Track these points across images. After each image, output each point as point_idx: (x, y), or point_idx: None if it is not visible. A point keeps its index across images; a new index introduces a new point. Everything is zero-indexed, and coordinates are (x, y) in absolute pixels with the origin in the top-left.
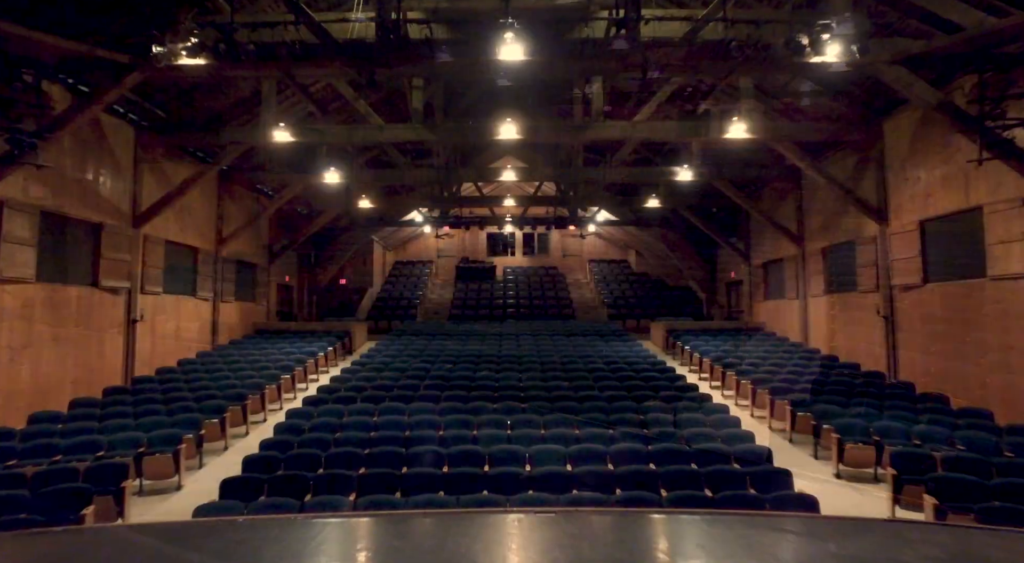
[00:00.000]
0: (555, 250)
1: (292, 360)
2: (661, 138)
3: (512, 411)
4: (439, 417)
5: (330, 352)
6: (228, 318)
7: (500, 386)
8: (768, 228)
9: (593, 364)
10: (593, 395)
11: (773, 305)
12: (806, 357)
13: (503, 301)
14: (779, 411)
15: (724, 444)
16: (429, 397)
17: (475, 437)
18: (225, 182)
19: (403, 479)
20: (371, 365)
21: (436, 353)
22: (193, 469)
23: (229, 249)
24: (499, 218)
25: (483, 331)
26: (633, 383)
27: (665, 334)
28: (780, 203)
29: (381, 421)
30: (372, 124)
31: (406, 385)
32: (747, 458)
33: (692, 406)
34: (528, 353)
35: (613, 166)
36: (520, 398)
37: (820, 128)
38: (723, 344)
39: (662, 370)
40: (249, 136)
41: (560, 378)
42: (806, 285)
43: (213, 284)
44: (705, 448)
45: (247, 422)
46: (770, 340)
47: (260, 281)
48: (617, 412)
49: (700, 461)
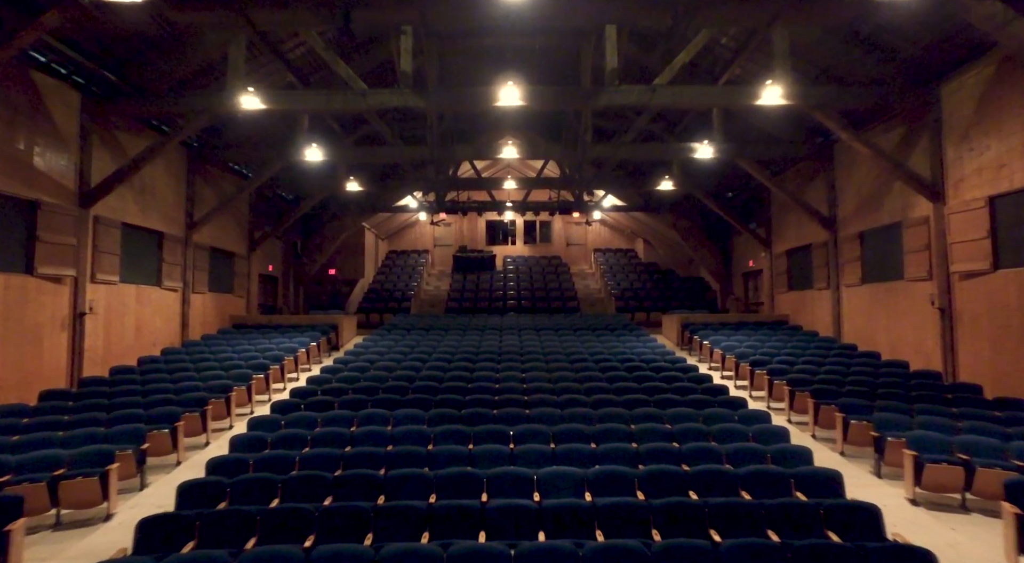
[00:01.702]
0: (558, 239)
1: (269, 357)
2: (685, 105)
3: (515, 419)
4: (428, 427)
5: (313, 348)
6: (201, 311)
7: (501, 388)
8: (793, 212)
9: (605, 362)
10: (609, 399)
11: (798, 296)
12: (843, 354)
13: (503, 293)
14: (826, 418)
15: (777, 465)
16: (418, 402)
17: (471, 454)
18: (197, 162)
19: (378, 516)
20: (356, 363)
21: (429, 349)
22: (131, 492)
23: (202, 235)
24: (499, 204)
25: (482, 325)
26: (653, 385)
27: (679, 328)
28: (808, 185)
29: (359, 433)
30: (354, 89)
31: (393, 387)
32: (811, 484)
33: (725, 413)
34: (531, 350)
35: (625, 143)
36: (524, 403)
37: (867, 93)
38: (747, 339)
39: (683, 368)
40: (214, 103)
41: (568, 378)
42: (839, 274)
43: (183, 273)
44: (756, 471)
45: (207, 430)
46: (797, 335)
47: (239, 271)
48: (640, 421)
49: (753, 487)
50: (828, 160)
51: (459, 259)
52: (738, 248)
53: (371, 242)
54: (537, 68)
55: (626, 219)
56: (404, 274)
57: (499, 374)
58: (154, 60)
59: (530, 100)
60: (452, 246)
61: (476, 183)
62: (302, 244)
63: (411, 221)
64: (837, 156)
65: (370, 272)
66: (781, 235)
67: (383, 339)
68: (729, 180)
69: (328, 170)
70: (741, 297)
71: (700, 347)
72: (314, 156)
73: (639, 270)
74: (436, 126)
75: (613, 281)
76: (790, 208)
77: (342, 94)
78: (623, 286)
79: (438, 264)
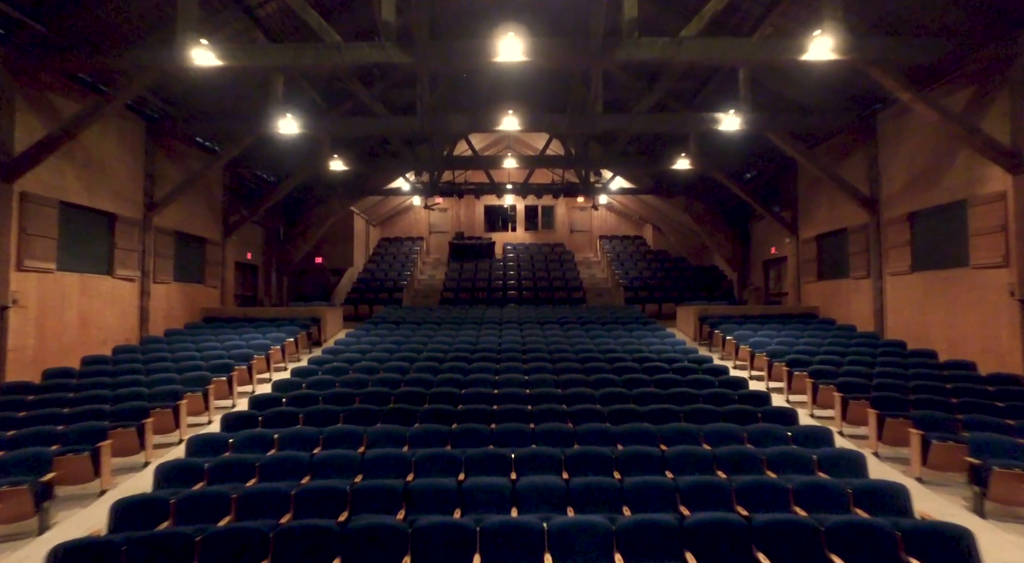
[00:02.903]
0: (561, 225)
1: (237, 356)
2: (716, 60)
3: (518, 438)
4: (410, 450)
5: (290, 344)
6: (165, 303)
7: (500, 396)
8: (824, 193)
9: (620, 361)
10: (630, 411)
11: (830, 287)
12: (893, 353)
13: (503, 283)
14: (892, 433)
15: (863, 508)
16: (401, 414)
17: (461, 490)
18: (158, 135)
19: None
20: (334, 363)
21: (419, 347)
22: (27, 537)
23: (166, 218)
24: (498, 187)
25: (479, 318)
26: (681, 391)
27: (696, 321)
28: (843, 162)
29: (322, 458)
30: (328, 43)
31: (372, 394)
32: (928, 543)
33: (776, 431)
34: (535, 347)
35: (640, 112)
36: (528, 415)
37: (934, 45)
38: (776, 334)
39: (711, 369)
40: (161, 57)
41: (579, 382)
42: (882, 261)
43: (140, 261)
44: (845, 524)
45: (146, 448)
46: (832, 330)
47: (212, 259)
48: (672, 440)
49: (846, 548)
50: (868, 133)
51: (455, 246)
52: (758, 234)
53: (361, 228)
54: (541, 24)
55: (634, 204)
56: (397, 263)
57: (498, 377)
58: (91, 8)
59: (535, 54)
60: (448, 233)
61: (473, 162)
62: (285, 230)
63: (404, 206)
64: (881, 128)
65: (360, 260)
66: (810, 219)
67: (368, 334)
68: (752, 159)
69: (310, 147)
70: (761, 287)
71: (723, 343)
72: (289, 128)
73: (648, 258)
74: (427, 94)
75: (621, 270)
76: (821, 189)
77: (313, 48)
78: (632, 275)
79: (433, 252)
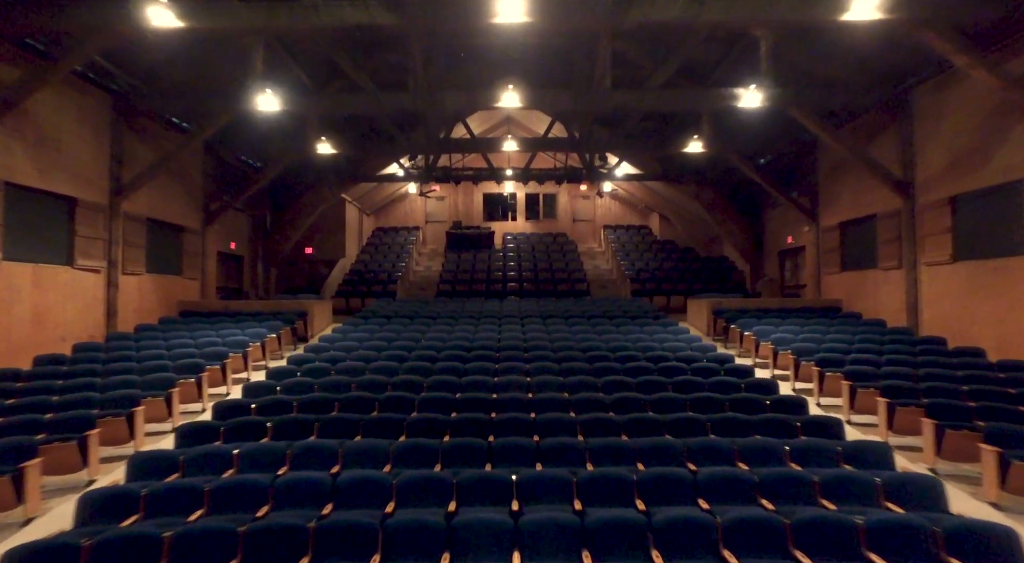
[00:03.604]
0: (563, 214)
1: (210, 355)
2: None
3: (520, 456)
4: (393, 470)
5: (271, 341)
6: (137, 296)
7: (500, 401)
8: (849, 178)
9: (632, 360)
10: (651, 421)
11: (854, 278)
12: (935, 352)
13: (503, 274)
14: (954, 447)
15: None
16: (384, 425)
17: (450, 527)
18: (126, 113)
19: None
20: (314, 364)
21: (411, 344)
22: None
23: (137, 204)
24: (497, 172)
25: (477, 311)
26: (705, 397)
27: (710, 315)
28: (872, 142)
29: (285, 481)
30: (304, 3)
31: (353, 401)
32: None
33: (823, 447)
34: (538, 344)
35: (652, 88)
36: (532, 426)
37: None
38: (799, 330)
39: (734, 370)
40: (112, 18)
41: (589, 385)
42: (916, 250)
43: (106, 250)
44: None
45: (89, 465)
46: (860, 325)
47: (191, 249)
48: (703, 459)
49: None
50: (901, 111)
51: (453, 236)
52: (772, 222)
53: (353, 217)
54: None
55: (640, 191)
56: (391, 253)
57: (497, 379)
58: None
59: (538, 14)
60: (446, 222)
61: (471, 144)
62: (272, 219)
63: (400, 194)
64: (917, 104)
65: (353, 251)
66: (832, 205)
67: (356, 330)
68: (769, 142)
69: (296, 129)
70: (776, 279)
71: (740, 339)
72: (269, 105)
73: (655, 249)
74: (420, 66)
75: (626, 261)
76: (845, 173)
77: (288, 8)
78: (638, 267)
79: (430, 242)
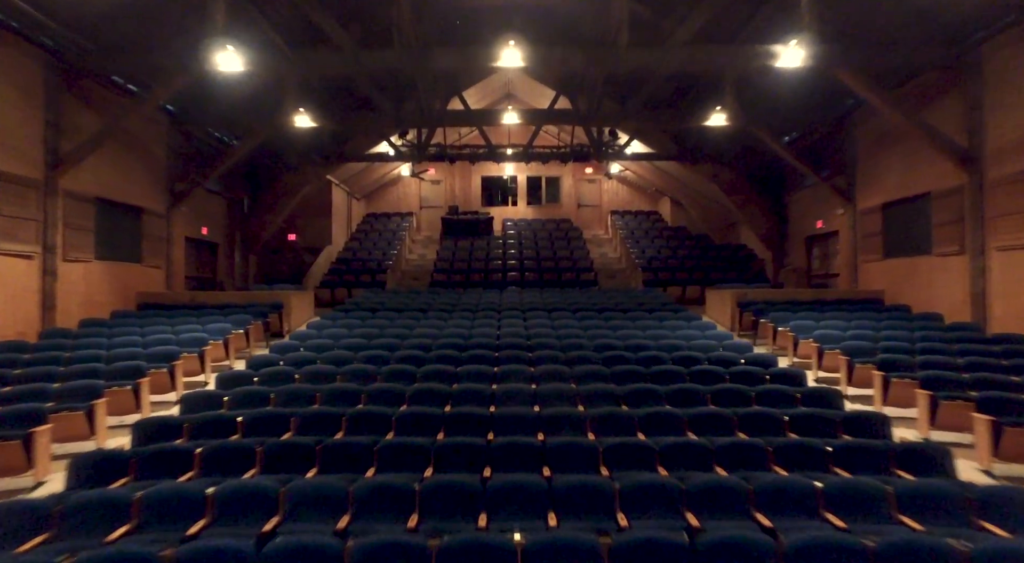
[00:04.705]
0: (568, 199)
1: (157, 356)
2: None
3: (529, 505)
4: (353, 526)
5: (236, 337)
6: (83, 286)
7: (499, 418)
8: (895, 152)
9: (658, 363)
10: (696, 449)
11: (900, 266)
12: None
13: (503, 263)
14: None
15: None
16: (345, 459)
17: None
18: (65, 74)
19: None
20: (276, 368)
21: (395, 342)
22: None
23: (82, 181)
24: (496, 152)
25: (474, 303)
26: (756, 412)
27: (734, 307)
28: (928, 108)
29: (191, 554)
30: None
31: (314, 418)
32: None
33: (938, 489)
34: (544, 341)
35: (677, 44)
36: (540, 454)
37: None
38: (846, 326)
39: (781, 375)
40: None
41: (609, 395)
42: (985, 232)
43: (41, 233)
44: None
45: None
46: (916, 320)
47: (152, 233)
48: (777, 505)
49: None
50: (968, 71)
51: (448, 222)
52: (798, 205)
53: (341, 201)
54: None
55: (651, 174)
56: (382, 241)
57: (496, 387)
58: None
59: None
60: (441, 208)
61: (467, 117)
62: (250, 202)
63: (392, 177)
64: (988, 62)
65: (340, 238)
66: (873, 183)
67: (335, 325)
68: (801, 114)
69: (273, 100)
70: (802, 267)
71: (774, 335)
72: (231, 64)
73: (667, 235)
74: (408, 22)
75: (636, 249)
76: (890, 147)
77: None
78: (649, 254)
79: (425, 229)
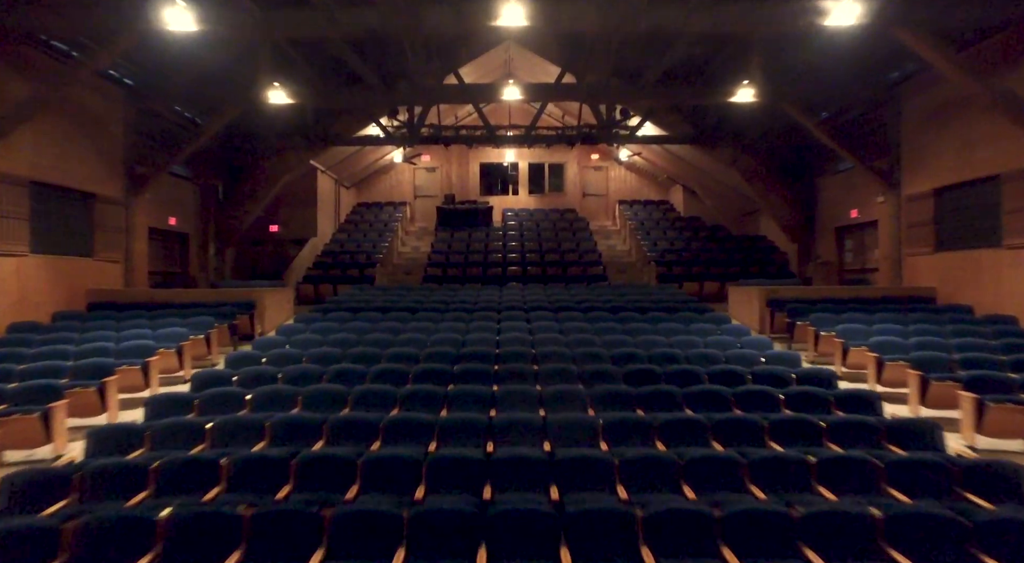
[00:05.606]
0: (572, 187)
1: (88, 369)
2: None
3: None
4: None
5: (195, 344)
6: (15, 284)
7: (499, 463)
8: (952, 129)
9: (693, 381)
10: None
11: (957, 260)
12: None
13: (502, 256)
14: None
15: None
16: (299, 516)
17: None
18: None
19: None
20: (226, 388)
21: (376, 350)
22: None
23: (16, 162)
24: (496, 133)
25: (471, 302)
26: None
27: (763, 307)
28: (997, 73)
29: None
30: None
31: (256, 465)
32: None
33: None
34: (551, 350)
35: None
36: (555, 525)
37: None
38: (906, 330)
39: (847, 398)
40: None
41: (639, 425)
42: None
43: None
44: None
45: None
46: (983, 324)
47: (107, 223)
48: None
49: None
50: None
51: (444, 212)
52: (828, 193)
53: (327, 189)
54: None
55: (662, 160)
56: (372, 232)
57: (496, 414)
58: None
59: None
60: (437, 197)
61: (463, 92)
62: (226, 189)
63: (384, 163)
64: None
65: (327, 229)
66: (923, 167)
67: (309, 329)
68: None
69: (246, 73)
70: (833, 261)
71: (816, 340)
72: (181, 22)
73: (679, 227)
74: None
75: (648, 241)
76: (946, 123)
77: None
78: (662, 247)
79: (419, 219)
